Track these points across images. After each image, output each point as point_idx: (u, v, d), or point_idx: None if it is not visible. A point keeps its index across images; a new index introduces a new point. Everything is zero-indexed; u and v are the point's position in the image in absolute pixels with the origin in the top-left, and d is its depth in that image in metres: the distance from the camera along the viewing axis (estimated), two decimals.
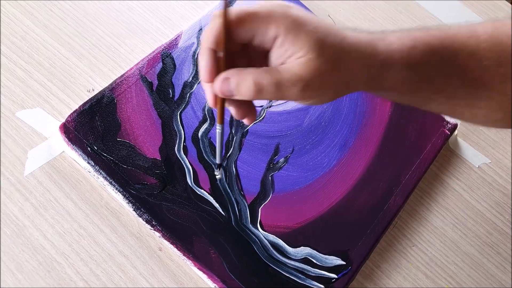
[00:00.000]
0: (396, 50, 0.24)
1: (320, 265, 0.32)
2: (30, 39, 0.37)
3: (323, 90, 0.23)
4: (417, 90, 0.25)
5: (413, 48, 0.24)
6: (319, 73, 0.22)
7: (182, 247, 0.30)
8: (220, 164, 0.29)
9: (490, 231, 0.37)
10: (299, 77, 0.22)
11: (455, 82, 0.25)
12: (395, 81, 0.24)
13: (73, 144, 0.32)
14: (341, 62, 0.23)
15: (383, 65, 0.24)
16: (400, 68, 0.24)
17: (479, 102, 0.25)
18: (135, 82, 0.35)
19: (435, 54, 0.24)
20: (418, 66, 0.24)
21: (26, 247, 0.29)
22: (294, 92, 0.22)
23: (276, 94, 0.23)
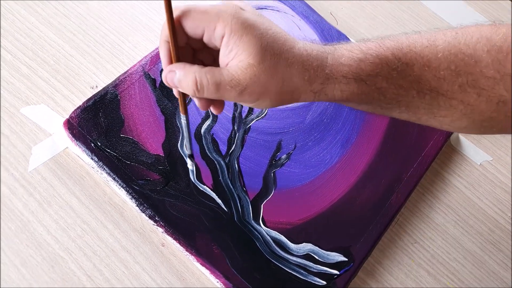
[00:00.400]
0: (345, 64, 0.24)
1: (322, 261, 0.32)
2: (35, 36, 0.37)
3: (262, 97, 0.24)
4: (371, 101, 0.26)
5: (363, 60, 0.24)
6: (258, 80, 0.23)
7: (185, 242, 0.30)
8: (191, 155, 0.30)
9: (492, 228, 0.37)
10: (237, 82, 0.23)
11: (410, 92, 0.25)
12: (346, 93, 0.25)
13: (77, 140, 0.32)
14: (281, 72, 0.23)
15: (328, 78, 0.24)
16: (348, 81, 0.24)
17: (440, 111, 0.25)
18: (138, 79, 0.36)
19: (386, 66, 0.24)
20: (368, 78, 0.24)
21: (30, 242, 0.29)
22: (232, 94, 0.23)
23: (215, 94, 0.24)
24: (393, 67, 0.25)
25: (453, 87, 0.24)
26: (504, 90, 0.24)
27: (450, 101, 0.25)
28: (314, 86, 0.24)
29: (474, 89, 0.24)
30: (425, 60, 0.25)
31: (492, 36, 0.24)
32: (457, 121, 0.26)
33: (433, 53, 0.25)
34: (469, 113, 0.25)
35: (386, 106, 0.26)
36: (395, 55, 0.25)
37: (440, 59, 0.24)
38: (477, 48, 0.24)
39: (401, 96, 0.25)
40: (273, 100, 0.24)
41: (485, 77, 0.24)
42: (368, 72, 0.24)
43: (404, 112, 0.26)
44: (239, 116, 0.36)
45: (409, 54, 0.25)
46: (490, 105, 0.24)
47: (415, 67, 0.25)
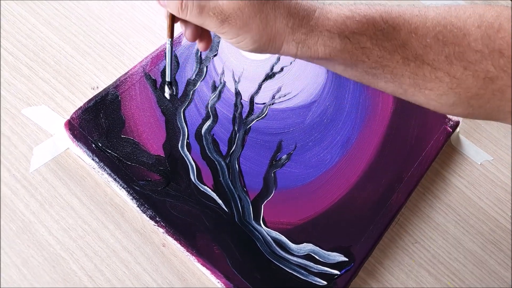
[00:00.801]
0: (331, 19, 0.24)
1: (322, 262, 0.32)
2: (36, 37, 0.37)
3: (242, 32, 0.24)
4: (356, 62, 0.25)
5: (349, 18, 0.24)
6: (241, 13, 0.23)
7: (186, 243, 0.30)
8: (169, 82, 0.29)
9: (492, 228, 0.37)
10: (220, 9, 0.24)
11: (395, 56, 0.25)
12: (328, 48, 0.25)
13: (78, 141, 0.32)
14: (266, 12, 0.24)
15: (312, 30, 0.24)
16: (332, 35, 0.24)
17: (426, 83, 0.25)
18: (139, 80, 0.36)
19: (372, 26, 0.24)
20: (352, 36, 0.24)
21: (31, 243, 0.30)
22: (213, 22, 0.24)
23: (198, 18, 0.24)
24: (379, 28, 0.24)
25: (439, 57, 0.24)
26: (491, 65, 0.23)
27: (435, 72, 0.24)
28: (297, 35, 0.24)
29: (461, 62, 0.24)
30: (413, 26, 0.24)
31: (485, 13, 0.24)
32: (443, 95, 0.25)
33: (422, 21, 0.24)
34: (455, 87, 0.24)
35: (371, 72, 0.26)
36: (383, 18, 0.25)
37: (429, 27, 0.24)
38: (468, 22, 0.24)
39: (385, 59, 0.25)
40: (254, 39, 0.24)
41: (473, 51, 0.23)
42: (353, 30, 0.24)
43: (390, 82, 0.26)
44: (239, 116, 0.36)
45: (397, 19, 0.25)
46: (476, 80, 0.24)
47: (402, 32, 0.24)
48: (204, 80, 0.37)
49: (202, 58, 0.38)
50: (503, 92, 0.24)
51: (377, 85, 0.27)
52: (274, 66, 0.40)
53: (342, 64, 0.26)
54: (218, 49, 0.39)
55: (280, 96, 0.38)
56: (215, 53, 0.39)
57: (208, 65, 0.38)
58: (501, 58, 0.23)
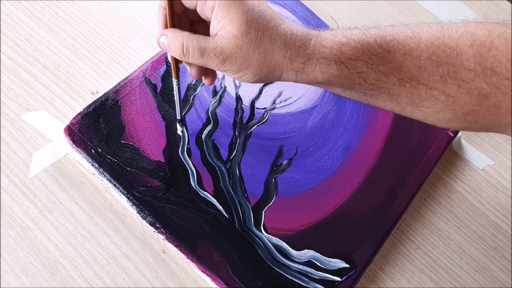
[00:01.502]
0: (327, 46, 0.25)
1: (324, 268, 0.31)
2: (35, 41, 0.37)
3: (243, 68, 0.25)
4: (353, 86, 0.26)
5: (344, 44, 0.25)
6: (240, 51, 0.25)
7: (186, 249, 0.30)
8: (180, 119, 0.33)
9: (494, 233, 0.37)
10: (220, 50, 0.25)
11: (391, 79, 0.25)
12: (326, 75, 0.26)
13: (78, 147, 0.32)
14: (264, 47, 0.25)
15: (310, 58, 0.25)
16: (328, 62, 0.25)
17: (423, 102, 0.26)
18: (139, 85, 0.35)
19: (367, 51, 0.25)
20: (348, 61, 0.25)
21: (30, 250, 0.29)
22: (215, 62, 0.25)
23: (200, 60, 0.26)
24: (374, 53, 0.25)
25: (434, 77, 0.25)
26: (484, 83, 0.24)
27: (431, 91, 0.25)
28: (295, 64, 0.25)
29: (455, 81, 0.24)
30: (407, 48, 0.25)
31: (476, 32, 0.25)
32: (440, 112, 0.26)
33: (415, 43, 0.25)
34: (451, 104, 0.25)
35: (369, 93, 0.27)
36: (377, 42, 0.25)
37: (422, 49, 0.25)
38: (460, 41, 0.25)
39: (381, 82, 0.26)
40: (254, 73, 0.26)
41: (466, 70, 0.24)
42: (348, 56, 0.25)
43: (388, 101, 0.27)
44: (240, 121, 0.36)
45: (391, 42, 0.25)
46: (471, 98, 0.24)
47: (396, 55, 0.25)
48: (204, 85, 0.37)
49: None
50: (497, 107, 0.24)
51: (375, 104, 0.28)
52: None
53: (340, 87, 0.27)
54: None
55: (281, 101, 0.38)
56: None
57: None
58: (493, 75, 0.24)
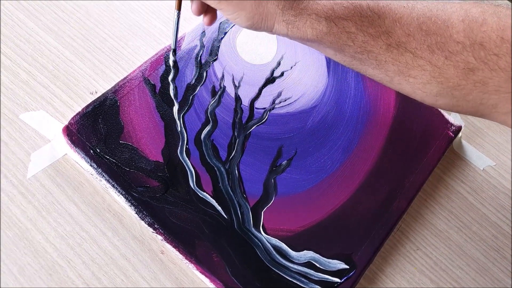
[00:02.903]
0: (320, 3, 0.26)
1: (323, 269, 0.31)
2: (34, 41, 0.37)
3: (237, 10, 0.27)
4: (342, 46, 0.27)
5: (337, 4, 0.26)
6: None
7: (185, 250, 0.30)
8: (174, 49, 0.36)
9: (495, 234, 0.37)
10: None
11: (379, 43, 0.26)
12: (316, 31, 0.26)
13: (76, 147, 0.32)
14: None
15: (301, 12, 0.26)
16: (319, 19, 0.26)
17: (410, 71, 0.26)
18: (138, 85, 0.35)
19: (358, 13, 0.26)
20: (338, 20, 0.26)
21: (28, 250, 0.29)
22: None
23: None
24: (365, 15, 0.26)
25: (422, 46, 0.25)
26: (472, 57, 0.24)
27: (417, 60, 0.25)
28: (287, 16, 0.26)
29: (442, 52, 0.25)
30: (397, 16, 0.26)
31: (470, 9, 0.25)
32: (427, 84, 0.26)
33: (407, 12, 0.26)
34: (437, 76, 0.25)
35: (357, 57, 0.27)
36: (370, 6, 0.26)
37: (413, 18, 0.25)
38: (453, 16, 0.25)
39: (369, 45, 0.26)
40: (247, 17, 0.27)
41: (454, 42, 0.24)
42: (339, 14, 0.26)
43: (376, 69, 0.27)
44: (239, 121, 0.36)
45: (383, 8, 0.26)
46: (457, 70, 0.24)
47: (387, 20, 0.26)
48: (203, 85, 0.37)
49: (202, 63, 0.38)
50: (484, 83, 0.24)
51: (366, 72, 0.28)
52: (274, 70, 0.39)
53: (331, 48, 0.28)
54: (218, 54, 0.39)
55: (280, 101, 0.38)
56: (215, 58, 0.39)
57: (207, 70, 0.38)
58: (482, 50, 0.24)
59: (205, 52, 0.39)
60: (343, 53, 0.27)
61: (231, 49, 0.39)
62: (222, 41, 0.39)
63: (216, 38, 0.39)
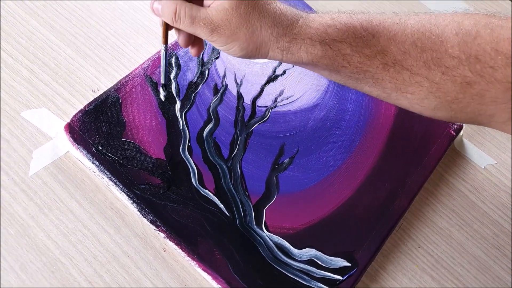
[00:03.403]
0: (313, 27, 0.26)
1: (325, 267, 0.31)
2: (36, 39, 0.37)
3: (231, 41, 0.26)
4: (338, 68, 0.27)
5: (330, 26, 0.26)
6: (229, 24, 0.25)
7: (187, 248, 0.30)
8: (164, 84, 0.34)
9: (496, 233, 0.37)
10: (210, 20, 0.26)
11: (375, 63, 0.26)
12: (311, 55, 0.26)
13: (78, 144, 0.32)
14: (252, 23, 0.26)
15: (295, 38, 0.26)
16: (313, 43, 0.26)
17: (407, 87, 0.26)
18: (140, 82, 0.35)
19: (353, 34, 0.26)
20: (333, 43, 0.26)
21: (30, 247, 0.29)
22: (204, 31, 0.26)
23: (190, 28, 0.27)
24: (359, 36, 0.26)
25: (418, 62, 0.25)
26: (468, 71, 0.24)
27: (415, 77, 0.25)
28: (281, 43, 0.26)
29: (439, 67, 0.25)
30: (392, 34, 0.26)
31: (463, 21, 0.25)
32: (425, 99, 0.26)
33: (401, 29, 0.26)
34: (435, 91, 0.25)
35: (354, 76, 0.27)
36: (363, 26, 0.26)
37: (407, 34, 0.25)
38: (446, 30, 0.25)
39: (365, 65, 0.26)
40: (241, 47, 0.26)
41: (450, 57, 0.24)
42: (333, 37, 0.26)
43: (373, 87, 0.27)
44: (241, 119, 0.36)
45: (377, 27, 0.26)
46: (455, 85, 0.24)
47: (381, 39, 0.26)
48: (206, 83, 0.37)
49: (204, 61, 0.38)
50: (481, 96, 0.24)
51: (362, 89, 0.28)
52: (276, 69, 0.39)
53: (326, 69, 0.27)
54: (220, 52, 0.39)
55: (282, 99, 0.38)
56: (217, 56, 0.39)
57: (210, 68, 0.38)
58: (477, 63, 0.24)
59: (207, 50, 0.39)
60: (339, 74, 0.27)
61: None
62: None
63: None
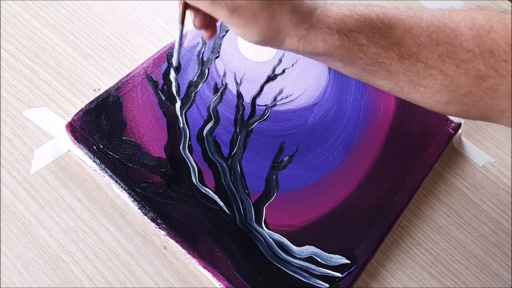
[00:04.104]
0: (331, 16, 0.26)
1: (325, 264, 0.32)
2: (37, 39, 0.37)
3: (249, 24, 0.25)
4: (353, 59, 0.27)
5: (348, 16, 0.26)
6: (250, 6, 0.25)
7: (187, 245, 0.30)
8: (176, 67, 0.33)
9: (495, 230, 0.37)
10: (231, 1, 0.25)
11: (391, 54, 0.26)
12: (327, 44, 0.26)
13: (79, 143, 0.32)
14: (273, 7, 0.25)
15: (313, 26, 0.26)
16: (331, 32, 0.26)
17: (421, 80, 0.26)
18: (141, 81, 0.36)
19: (369, 25, 0.26)
20: (350, 33, 0.26)
21: (32, 245, 0.29)
22: (223, 12, 0.25)
23: (209, 7, 0.26)
24: (376, 27, 0.26)
25: (433, 55, 0.25)
26: (482, 64, 0.24)
27: (429, 70, 0.25)
28: (299, 31, 0.26)
29: (453, 60, 0.25)
30: (407, 26, 0.26)
31: (477, 16, 0.25)
32: (437, 93, 0.26)
33: (416, 22, 0.26)
34: (448, 84, 0.25)
35: (368, 68, 0.27)
36: (380, 17, 0.26)
37: (423, 27, 0.26)
38: (460, 24, 0.25)
39: (381, 57, 0.26)
40: (260, 32, 0.26)
41: (465, 50, 0.25)
42: (350, 27, 0.26)
43: (387, 79, 0.27)
44: (241, 118, 0.36)
45: (393, 19, 0.26)
46: (468, 78, 0.25)
47: (397, 31, 0.26)
48: (205, 82, 0.37)
49: (204, 60, 0.38)
50: (494, 90, 0.24)
51: (375, 83, 0.28)
52: (275, 68, 0.40)
53: (341, 61, 0.27)
54: (220, 51, 0.39)
55: (282, 98, 0.38)
56: (217, 55, 0.39)
57: (209, 67, 0.38)
58: (491, 57, 0.24)
59: (207, 49, 0.39)
60: (353, 66, 0.27)
61: (233, 46, 0.40)
62: (224, 39, 0.40)
63: (218, 36, 0.40)
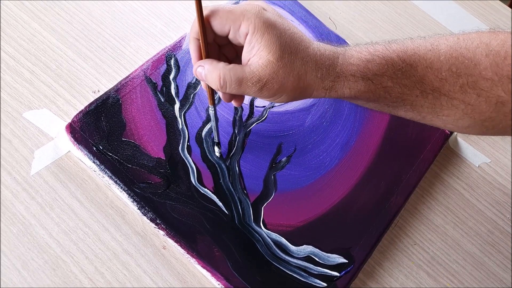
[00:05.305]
0: (354, 64, 0.26)
1: (322, 263, 0.32)
2: (37, 41, 0.38)
3: (279, 92, 0.26)
4: (378, 99, 0.27)
5: (370, 61, 0.26)
6: (276, 77, 0.25)
7: (186, 245, 0.30)
8: (217, 142, 0.34)
9: (491, 229, 0.37)
10: (258, 78, 0.25)
11: (414, 91, 0.27)
12: (353, 91, 0.27)
13: (79, 144, 0.32)
14: (297, 70, 0.25)
15: (339, 76, 0.26)
16: (356, 79, 0.26)
17: (443, 111, 0.27)
18: (140, 83, 0.36)
19: (392, 66, 0.26)
20: (374, 77, 0.26)
21: (32, 246, 0.30)
22: (253, 90, 0.26)
23: (238, 90, 0.26)
24: (398, 68, 0.26)
25: (454, 87, 0.26)
26: (502, 91, 0.25)
27: (452, 101, 0.26)
28: (326, 83, 0.26)
29: (474, 90, 0.25)
30: (428, 62, 0.26)
31: (491, 42, 0.26)
32: (459, 120, 0.27)
33: (435, 56, 0.26)
34: (470, 112, 0.26)
35: (392, 105, 0.28)
36: (400, 57, 0.26)
37: (442, 61, 0.26)
38: (477, 52, 0.26)
39: (405, 95, 0.27)
40: (289, 95, 0.26)
41: (484, 79, 0.25)
42: (374, 72, 0.26)
43: (409, 111, 0.28)
44: (239, 119, 0.37)
45: (413, 56, 0.26)
46: (489, 105, 0.25)
47: (419, 68, 0.26)
48: None
49: None
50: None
51: (397, 113, 0.29)
52: None
53: (365, 100, 0.28)
54: None
55: None
56: None
57: None
58: (510, 83, 0.25)
59: None
60: (377, 103, 0.28)
61: None
62: None
63: None
